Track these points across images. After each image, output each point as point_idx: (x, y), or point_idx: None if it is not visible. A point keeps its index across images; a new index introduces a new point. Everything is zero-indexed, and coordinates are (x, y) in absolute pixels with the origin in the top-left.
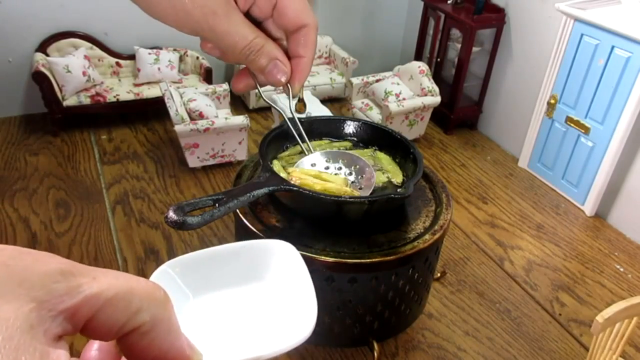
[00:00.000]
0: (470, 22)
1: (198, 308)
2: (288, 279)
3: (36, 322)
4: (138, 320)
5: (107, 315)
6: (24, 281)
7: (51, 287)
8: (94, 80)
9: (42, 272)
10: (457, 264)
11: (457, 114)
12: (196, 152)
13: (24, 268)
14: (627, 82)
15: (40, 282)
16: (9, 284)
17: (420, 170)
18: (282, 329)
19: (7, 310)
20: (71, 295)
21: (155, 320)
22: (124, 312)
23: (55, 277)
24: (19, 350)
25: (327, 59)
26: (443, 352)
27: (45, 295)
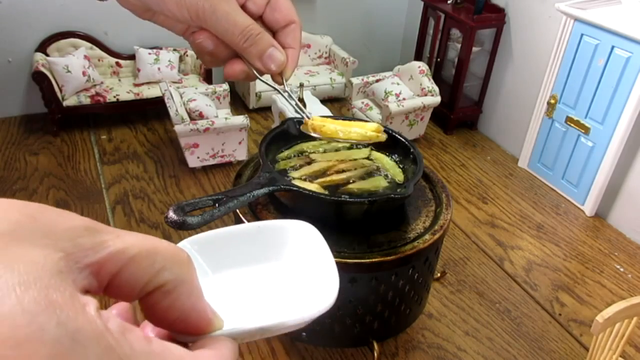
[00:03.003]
0: (470, 22)
1: (217, 284)
2: (308, 256)
3: (65, 269)
4: (161, 279)
5: (130, 272)
6: (50, 233)
7: (77, 241)
8: (94, 80)
9: (67, 227)
10: (457, 264)
11: (457, 114)
12: (196, 152)
13: (50, 221)
14: (627, 82)
15: (67, 235)
16: (37, 233)
17: (420, 170)
18: (304, 300)
19: (36, 254)
20: (96, 250)
21: (178, 281)
22: (147, 270)
23: (81, 232)
24: (49, 289)
25: (327, 59)
26: (443, 352)
27: (72, 248)
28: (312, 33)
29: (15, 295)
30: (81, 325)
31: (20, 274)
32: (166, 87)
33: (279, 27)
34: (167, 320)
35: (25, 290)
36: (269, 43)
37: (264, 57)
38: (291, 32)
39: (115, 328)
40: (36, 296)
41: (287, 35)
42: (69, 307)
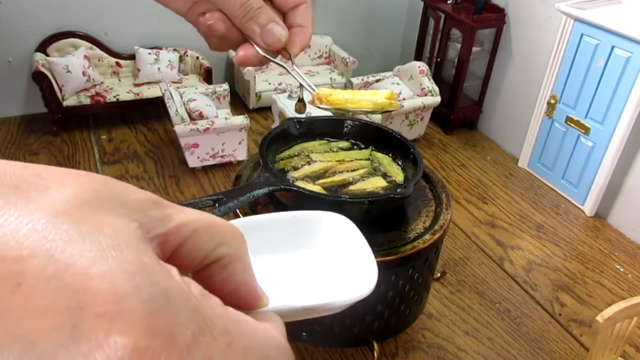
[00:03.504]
0: (470, 22)
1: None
2: (344, 245)
3: (142, 238)
4: (219, 253)
5: (192, 245)
6: (124, 203)
7: (147, 212)
8: (94, 80)
9: (137, 198)
10: (457, 264)
11: (457, 114)
12: (196, 152)
13: (122, 192)
14: (627, 82)
15: (138, 207)
16: (113, 203)
17: (420, 171)
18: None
19: (119, 221)
20: (164, 223)
21: (234, 256)
22: (208, 243)
23: (149, 204)
24: (139, 253)
25: (327, 59)
26: (443, 352)
27: (143, 219)
28: (312, 33)
29: (112, 256)
30: (171, 287)
31: (112, 238)
32: (166, 87)
33: (288, 8)
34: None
35: (120, 253)
36: (269, 18)
37: (264, 32)
38: (301, 12)
39: (197, 292)
40: (130, 258)
41: (297, 16)
42: (158, 270)
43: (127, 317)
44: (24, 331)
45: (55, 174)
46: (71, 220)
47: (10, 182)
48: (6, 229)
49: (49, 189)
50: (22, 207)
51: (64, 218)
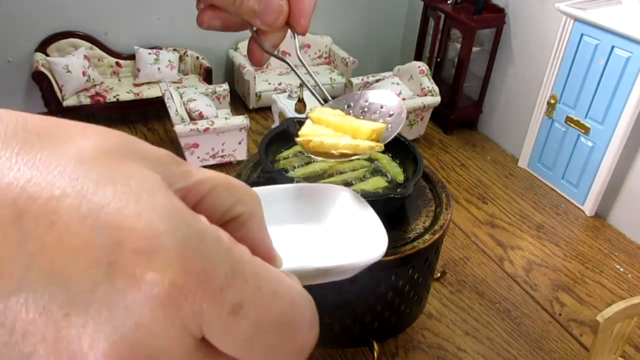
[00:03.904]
0: (470, 22)
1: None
2: (352, 215)
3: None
4: (237, 211)
5: (211, 201)
6: (146, 157)
7: (168, 167)
8: (94, 80)
9: (158, 154)
10: (457, 264)
11: (457, 114)
12: (196, 152)
13: (142, 146)
14: (627, 82)
15: (159, 161)
16: (136, 155)
17: (420, 170)
18: (355, 251)
19: (144, 170)
20: (184, 178)
21: (251, 214)
22: (225, 201)
23: (169, 159)
24: (170, 198)
25: (327, 59)
26: (443, 352)
27: (165, 172)
28: (312, 33)
29: (144, 198)
30: (203, 229)
31: (142, 182)
32: (166, 87)
33: None
34: None
35: (152, 195)
36: None
37: (259, 10)
38: None
39: (226, 237)
40: (162, 200)
41: None
42: (189, 213)
43: (163, 254)
44: (59, 269)
45: (77, 126)
46: (99, 165)
47: (33, 129)
48: (35, 171)
49: (72, 138)
50: (49, 153)
51: (92, 163)
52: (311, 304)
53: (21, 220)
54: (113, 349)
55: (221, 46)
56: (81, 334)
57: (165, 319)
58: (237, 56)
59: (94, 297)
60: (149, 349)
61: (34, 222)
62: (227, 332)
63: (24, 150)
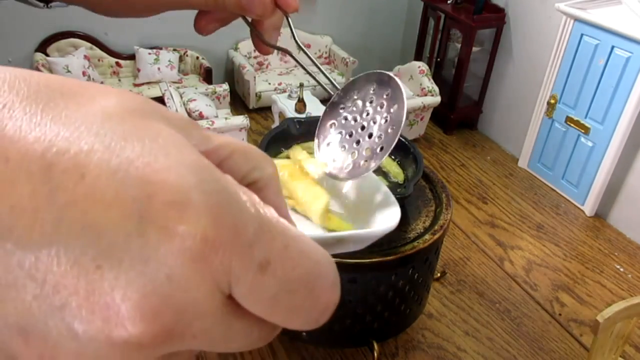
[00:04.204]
0: (470, 22)
1: None
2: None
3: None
4: (255, 175)
5: (230, 165)
6: (167, 118)
7: (189, 130)
8: (94, 80)
9: (178, 116)
10: (457, 264)
11: (457, 114)
12: None
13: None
14: (627, 82)
15: (180, 124)
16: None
17: (420, 170)
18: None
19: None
20: (204, 142)
21: (269, 180)
22: (244, 166)
23: (189, 123)
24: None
25: (327, 59)
26: (443, 352)
27: (187, 134)
28: (312, 33)
29: (174, 153)
30: (232, 184)
31: (168, 138)
32: (166, 87)
33: None
34: None
35: (179, 151)
36: None
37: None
38: None
39: (253, 197)
40: (190, 155)
41: None
42: (216, 170)
43: (194, 207)
44: (90, 221)
45: (98, 87)
46: (125, 122)
47: (56, 88)
48: (62, 127)
49: (95, 97)
50: (74, 110)
51: (119, 120)
52: (334, 266)
53: (51, 173)
54: (144, 301)
55: (221, 46)
56: (113, 286)
57: (196, 273)
58: (237, 56)
59: (126, 250)
60: (179, 303)
61: (64, 174)
62: (254, 289)
63: (49, 107)
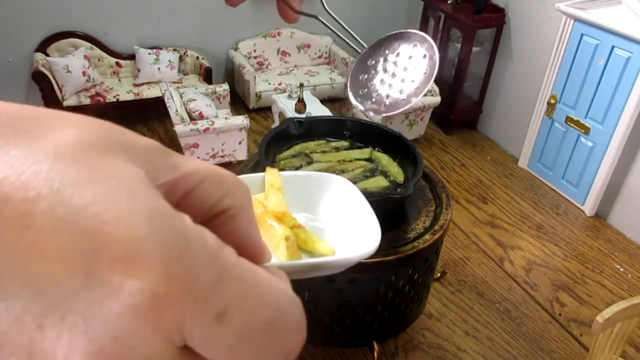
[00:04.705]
0: (470, 22)
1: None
2: (345, 206)
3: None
4: (226, 203)
5: (198, 194)
6: (130, 149)
7: (154, 160)
8: (94, 80)
9: (144, 145)
10: (457, 264)
11: (457, 114)
12: (196, 152)
13: (127, 138)
14: (627, 82)
15: (144, 154)
16: (119, 148)
17: (420, 171)
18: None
19: (127, 166)
20: (170, 171)
21: (241, 207)
22: (214, 194)
23: (155, 152)
24: (152, 197)
25: (327, 59)
26: (443, 352)
27: (149, 166)
28: (312, 33)
29: (125, 199)
30: (188, 232)
31: (123, 181)
32: (166, 87)
33: None
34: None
35: (133, 196)
36: None
37: None
38: None
39: (212, 240)
40: (144, 202)
41: None
42: (173, 215)
43: (144, 261)
44: (33, 276)
45: (57, 117)
46: (79, 162)
47: (8, 122)
48: (9, 170)
49: (51, 131)
50: (25, 148)
51: (71, 160)
52: (299, 308)
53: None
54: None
55: (221, 46)
56: (55, 347)
57: (145, 330)
58: (237, 56)
59: (70, 308)
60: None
61: (7, 225)
62: (211, 339)
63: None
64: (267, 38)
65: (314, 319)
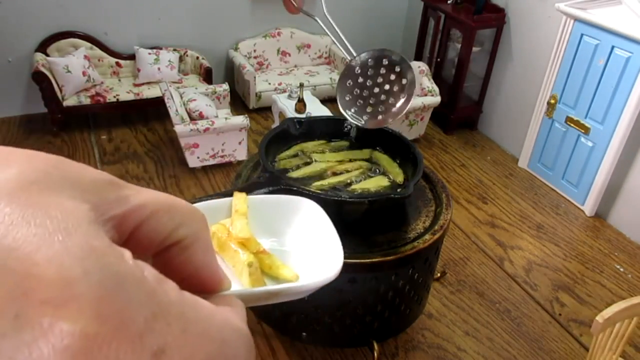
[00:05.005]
0: (470, 22)
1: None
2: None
3: (94, 220)
4: (179, 234)
5: (151, 226)
6: (76, 184)
7: (102, 194)
8: (94, 80)
9: (92, 179)
10: (457, 264)
11: (457, 114)
12: (196, 152)
13: (74, 172)
14: (627, 82)
15: (92, 187)
16: (64, 183)
17: (420, 171)
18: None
19: (69, 204)
20: (120, 204)
21: (195, 237)
22: (167, 225)
23: (104, 185)
24: (88, 236)
25: (327, 59)
26: (443, 352)
27: (97, 200)
28: (312, 33)
29: (59, 240)
30: (122, 271)
31: (60, 221)
32: (166, 87)
33: None
34: (180, 276)
35: (68, 236)
36: None
37: None
38: None
39: (151, 277)
40: (78, 242)
41: None
42: (109, 253)
43: (74, 303)
44: None
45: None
46: (15, 202)
47: None
48: None
49: None
50: None
51: (7, 200)
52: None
53: None
54: None
55: (221, 46)
56: None
57: None
58: (237, 56)
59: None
60: None
61: None
62: None
63: None
64: (267, 38)
65: (314, 319)
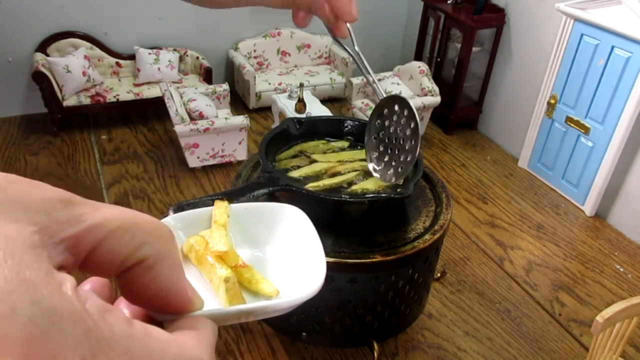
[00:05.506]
0: (470, 22)
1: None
2: (297, 240)
3: (39, 244)
4: (141, 254)
5: (109, 247)
6: (23, 205)
7: (52, 214)
8: (94, 80)
9: (42, 199)
10: (457, 264)
11: (457, 114)
12: (196, 152)
13: (22, 192)
14: (627, 82)
15: (41, 208)
16: (8, 205)
17: (420, 171)
18: (289, 285)
19: (8, 228)
20: (72, 224)
21: (159, 256)
22: (127, 245)
23: (56, 204)
24: (21, 266)
25: (327, 59)
26: (443, 352)
27: (46, 221)
28: (312, 33)
29: None
30: (57, 305)
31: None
32: (166, 87)
33: None
34: (145, 297)
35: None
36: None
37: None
38: None
39: (94, 309)
40: (7, 273)
41: None
42: (43, 285)
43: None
44: None
45: None
46: None
47: None
48: None
49: None
50: None
51: None
52: None
53: None
54: None
55: (221, 46)
56: None
57: None
58: (237, 56)
59: None
60: None
61: None
62: None
63: None
64: (267, 38)
65: (314, 319)
